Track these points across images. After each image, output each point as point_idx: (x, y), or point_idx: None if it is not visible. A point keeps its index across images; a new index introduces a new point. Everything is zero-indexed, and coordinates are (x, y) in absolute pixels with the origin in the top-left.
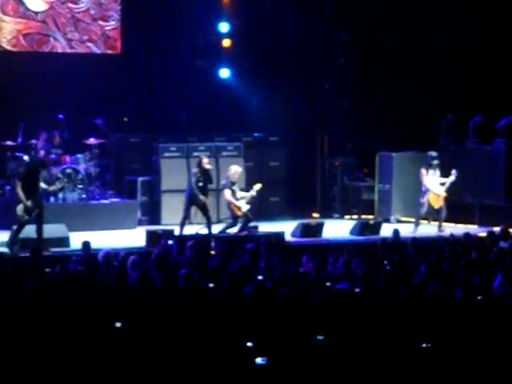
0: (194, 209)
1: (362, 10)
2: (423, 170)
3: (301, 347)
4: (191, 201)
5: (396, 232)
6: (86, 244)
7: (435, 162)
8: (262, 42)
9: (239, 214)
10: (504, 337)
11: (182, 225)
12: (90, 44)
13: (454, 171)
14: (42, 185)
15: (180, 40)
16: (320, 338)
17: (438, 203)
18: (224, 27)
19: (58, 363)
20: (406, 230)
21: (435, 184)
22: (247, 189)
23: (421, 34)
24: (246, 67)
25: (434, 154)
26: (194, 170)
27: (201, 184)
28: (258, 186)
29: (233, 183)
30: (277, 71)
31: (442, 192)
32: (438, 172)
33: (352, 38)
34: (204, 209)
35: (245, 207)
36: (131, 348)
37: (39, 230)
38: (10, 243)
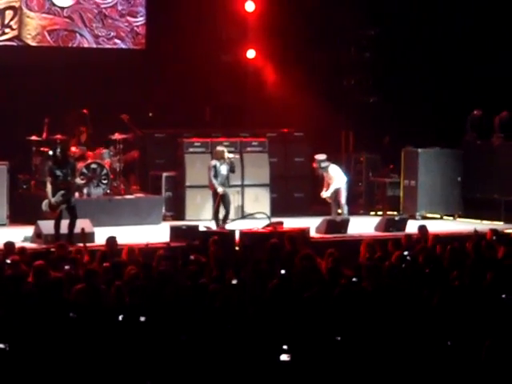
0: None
1: (389, 4)
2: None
3: (324, 344)
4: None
5: (422, 228)
6: (111, 239)
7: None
8: (289, 37)
9: None
10: None
11: (216, 219)
12: (117, 40)
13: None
14: (78, 180)
15: (205, 34)
16: (338, 338)
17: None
18: (250, 20)
19: (82, 357)
20: (431, 227)
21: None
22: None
23: (447, 28)
24: (272, 62)
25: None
26: (213, 162)
27: (224, 173)
28: None
29: None
30: (303, 66)
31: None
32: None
33: (378, 32)
34: (225, 200)
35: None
36: (153, 341)
37: (70, 225)
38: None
